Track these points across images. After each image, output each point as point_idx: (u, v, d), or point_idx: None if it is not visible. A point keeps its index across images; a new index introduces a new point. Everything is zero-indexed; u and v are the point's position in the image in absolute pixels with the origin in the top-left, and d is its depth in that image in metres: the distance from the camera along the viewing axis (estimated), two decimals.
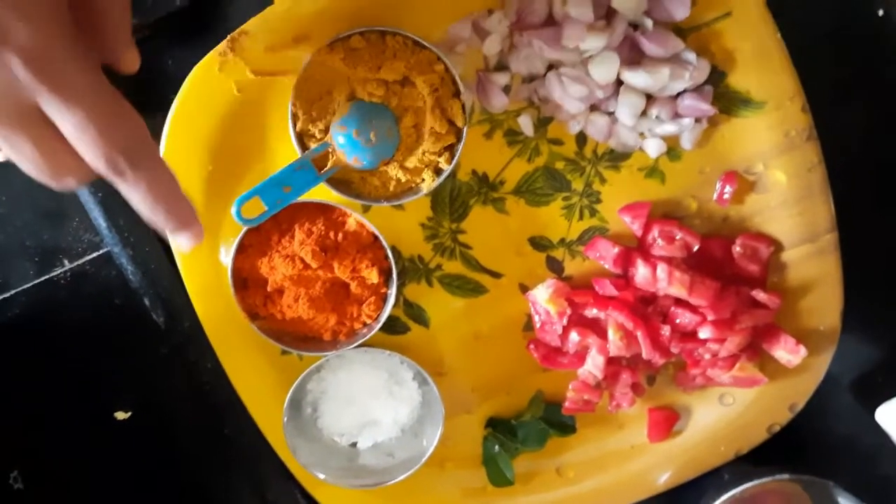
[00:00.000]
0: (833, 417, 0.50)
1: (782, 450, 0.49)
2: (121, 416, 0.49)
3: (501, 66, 0.44)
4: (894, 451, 0.48)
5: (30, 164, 0.29)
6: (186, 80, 0.44)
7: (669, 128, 0.44)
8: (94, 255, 0.48)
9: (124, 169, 0.29)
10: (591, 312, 0.46)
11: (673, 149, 0.45)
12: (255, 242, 0.45)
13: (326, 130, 0.43)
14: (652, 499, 0.49)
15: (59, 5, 0.28)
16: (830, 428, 0.50)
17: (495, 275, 0.47)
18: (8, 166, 0.32)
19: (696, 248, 0.46)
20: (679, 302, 0.46)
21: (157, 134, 0.45)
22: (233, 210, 0.41)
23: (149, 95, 0.46)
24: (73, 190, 0.31)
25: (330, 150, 0.43)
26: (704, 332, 0.45)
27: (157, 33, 0.46)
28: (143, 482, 0.50)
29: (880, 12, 0.45)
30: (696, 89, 0.44)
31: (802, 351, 0.46)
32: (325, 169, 0.43)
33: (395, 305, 0.46)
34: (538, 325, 0.47)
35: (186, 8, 0.45)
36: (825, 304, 0.46)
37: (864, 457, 0.50)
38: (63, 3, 0.28)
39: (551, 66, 0.44)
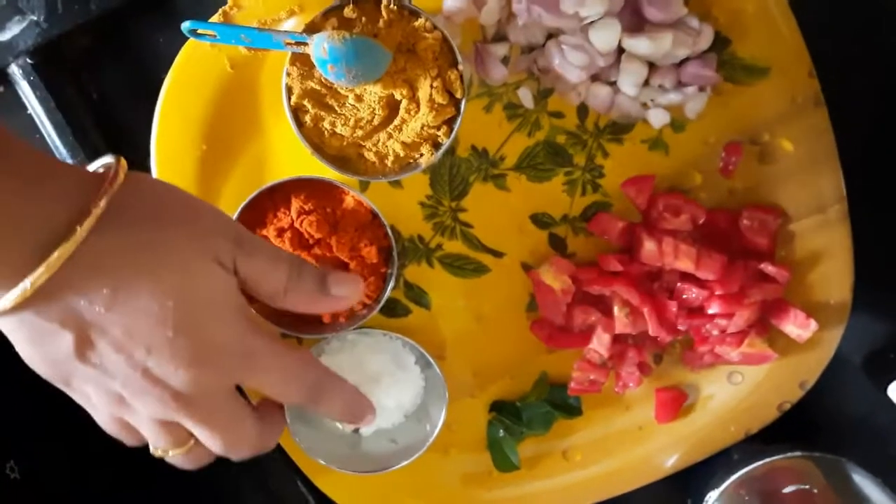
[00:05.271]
0: (844, 396, 0.46)
1: (793, 429, 0.45)
2: None
3: (500, 37, 0.41)
4: None
5: (219, 439, 0.32)
6: (178, 57, 0.40)
7: (673, 97, 0.40)
8: None
9: (317, 399, 0.34)
10: (596, 289, 0.43)
11: (676, 119, 0.41)
12: (249, 220, 0.41)
13: (323, 106, 0.39)
14: (661, 480, 0.45)
15: (246, 307, 0.33)
16: (842, 406, 0.46)
17: (497, 254, 0.44)
18: None
19: (702, 220, 0.42)
20: (686, 277, 0.42)
21: (149, 115, 0.42)
22: (186, 23, 0.36)
23: (140, 75, 0.43)
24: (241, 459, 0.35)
25: (304, 46, 0.38)
26: (712, 307, 0.41)
27: (147, 10, 0.42)
28: (140, 470, 0.46)
29: None
30: (700, 56, 0.40)
31: (813, 324, 0.42)
32: (289, 42, 0.38)
33: (395, 287, 0.42)
34: (542, 304, 0.43)
35: None
36: (835, 276, 0.43)
37: (876, 434, 0.46)
38: (247, 304, 0.33)
39: (550, 36, 0.40)
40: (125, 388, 0.30)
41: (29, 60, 0.42)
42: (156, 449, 0.34)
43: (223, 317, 0.31)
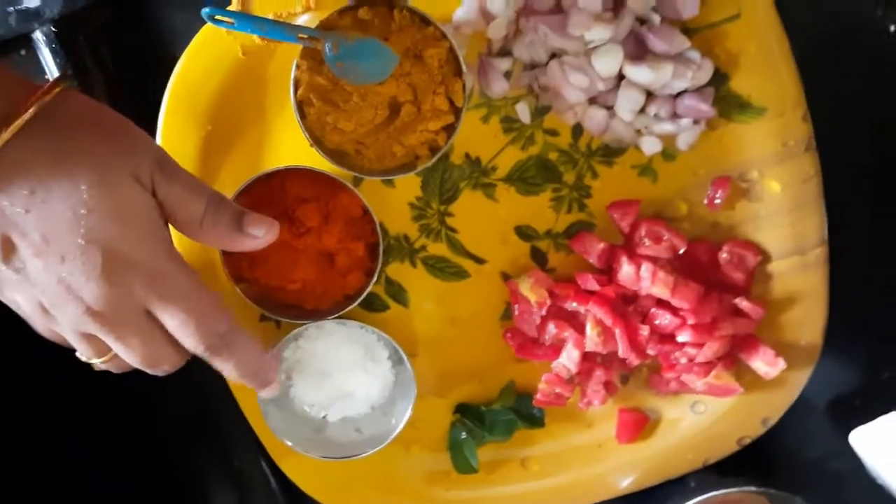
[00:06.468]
0: (805, 437, 0.46)
1: (752, 465, 0.45)
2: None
3: (505, 52, 0.41)
4: (864, 476, 0.44)
5: (136, 357, 0.33)
6: (193, 39, 0.41)
7: (667, 127, 0.41)
8: None
9: (218, 351, 0.33)
10: (571, 306, 0.43)
11: (668, 148, 0.42)
12: (244, 203, 0.41)
13: (328, 102, 0.40)
14: (615, 500, 0.46)
15: (163, 230, 0.33)
16: (802, 447, 0.46)
17: (479, 260, 0.44)
18: None
19: (682, 250, 0.42)
20: (660, 303, 0.42)
21: (160, 91, 0.42)
22: (205, 9, 0.37)
23: (155, 52, 0.43)
24: (164, 374, 0.35)
25: (316, 41, 0.39)
26: (683, 336, 0.42)
27: None
28: (113, 434, 0.47)
29: (892, 28, 0.42)
30: (698, 90, 0.40)
31: (781, 363, 0.42)
32: (302, 37, 0.38)
33: (377, 282, 0.43)
34: (516, 314, 0.44)
35: None
36: (808, 318, 0.43)
37: (833, 478, 0.46)
38: (165, 227, 0.33)
39: (554, 56, 0.41)
40: (45, 296, 0.31)
41: (53, 28, 0.43)
42: (81, 356, 0.35)
43: (136, 232, 0.31)
